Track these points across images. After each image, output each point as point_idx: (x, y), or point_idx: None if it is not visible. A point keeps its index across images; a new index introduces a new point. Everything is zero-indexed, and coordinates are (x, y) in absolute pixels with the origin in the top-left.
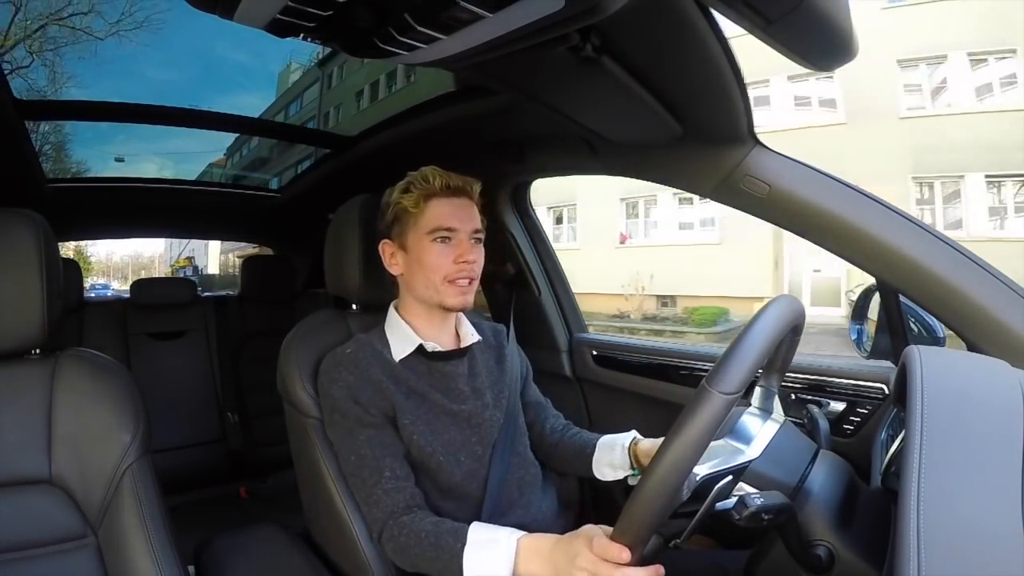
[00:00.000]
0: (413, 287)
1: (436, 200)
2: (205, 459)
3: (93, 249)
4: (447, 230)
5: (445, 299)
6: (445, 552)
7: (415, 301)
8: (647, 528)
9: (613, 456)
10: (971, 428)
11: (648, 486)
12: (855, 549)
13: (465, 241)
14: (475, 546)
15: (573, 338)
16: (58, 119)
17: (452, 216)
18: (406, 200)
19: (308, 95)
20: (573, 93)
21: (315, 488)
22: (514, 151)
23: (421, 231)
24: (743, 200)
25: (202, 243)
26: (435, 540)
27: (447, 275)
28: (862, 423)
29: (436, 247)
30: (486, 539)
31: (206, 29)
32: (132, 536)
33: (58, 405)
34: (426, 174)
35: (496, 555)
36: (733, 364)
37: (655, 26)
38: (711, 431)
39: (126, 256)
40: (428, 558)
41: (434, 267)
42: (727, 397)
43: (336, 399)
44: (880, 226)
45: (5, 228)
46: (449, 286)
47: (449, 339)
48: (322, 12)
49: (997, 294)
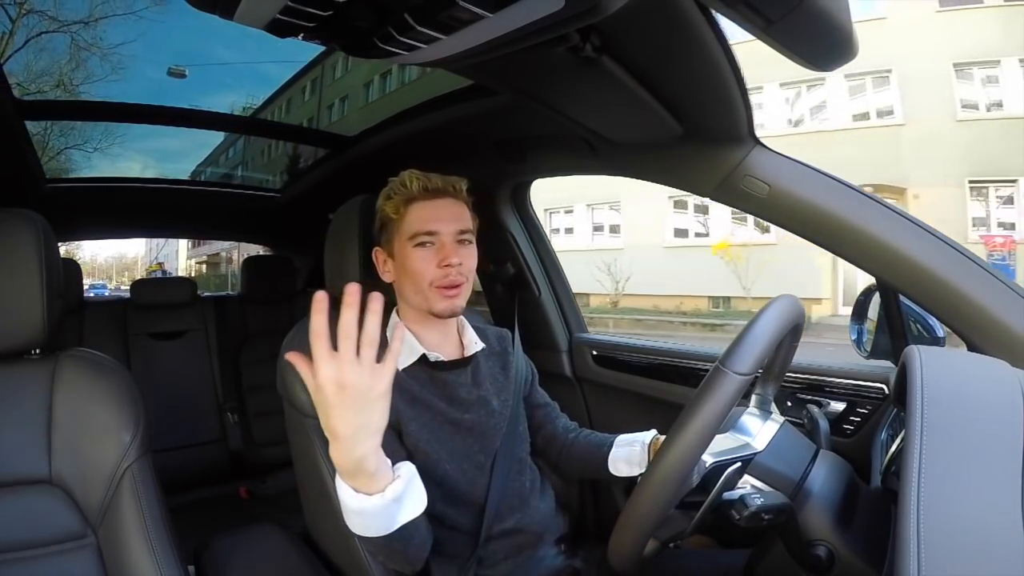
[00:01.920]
0: (404, 294)
1: (416, 204)
2: (205, 459)
3: (79, 252)
4: (427, 234)
5: (433, 305)
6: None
7: (410, 309)
8: (660, 504)
9: (632, 452)
10: (971, 428)
11: (666, 459)
12: (855, 549)
13: (449, 243)
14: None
15: (573, 338)
16: (58, 119)
17: (432, 219)
18: (388, 207)
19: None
20: (573, 93)
21: (315, 488)
22: (514, 151)
23: (403, 237)
24: (743, 200)
25: (172, 250)
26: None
27: (432, 280)
28: (862, 423)
29: (419, 252)
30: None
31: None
32: (132, 536)
33: (58, 405)
34: (404, 179)
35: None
36: (746, 345)
37: (655, 26)
38: (725, 410)
39: (110, 258)
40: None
41: (419, 273)
42: (741, 377)
43: None
44: (880, 226)
45: (5, 228)
46: (436, 291)
47: (452, 347)
48: (322, 12)
49: (997, 294)
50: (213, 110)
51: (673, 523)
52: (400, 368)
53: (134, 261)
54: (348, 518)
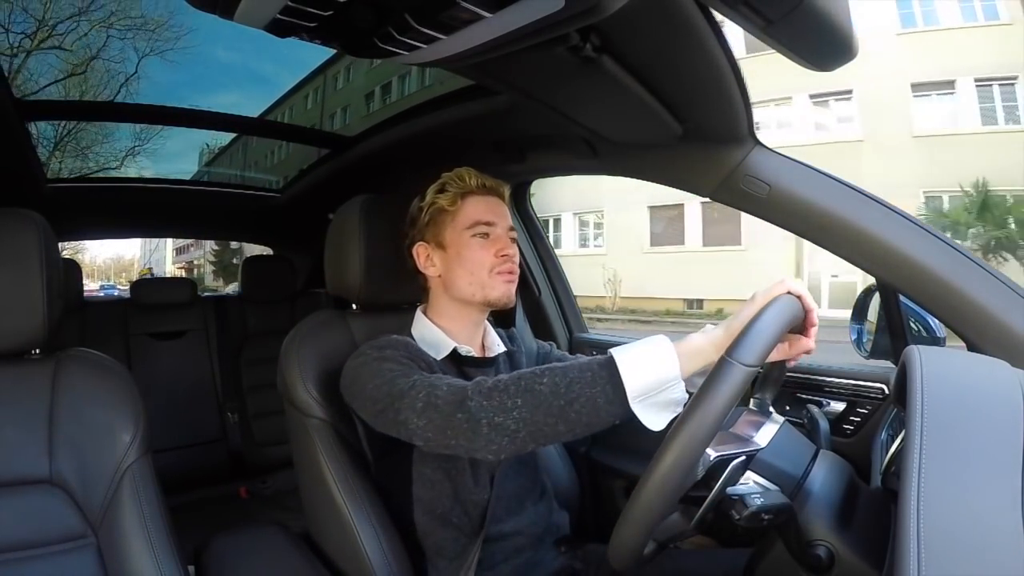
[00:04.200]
0: (453, 285)
1: (472, 198)
2: (205, 459)
3: (82, 255)
4: (486, 224)
5: (491, 292)
6: (588, 370)
7: (451, 303)
8: (666, 495)
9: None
10: (971, 428)
11: (672, 447)
12: (855, 549)
13: (504, 236)
14: (625, 352)
15: (573, 338)
16: (58, 119)
17: (489, 212)
18: (442, 199)
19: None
20: (573, 93)
21: (315, 488)
22: (514, 151)
23: (460, 227)
24: (743, 200)
25: (160, 255)
26: (563, 370)
27: (492, 267)
28: (862, 423)
29: (477, 242)
30: (635, 347)
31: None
32: (132, 536)
33: (58, 405)
34: (461, 173)
35: (655, 355)
36: (751, 337)
37: (655, 26)
38: (732, 400)
39: (109, 259)
40: (559, 370)
41: (477, 261)
42: (747, 368)
43: (384, 359)
44: (880, 226)
45: (5, 228)
46: (496, 277)
47: (477, 347)
48: (322, 12)
49: (997, 294)
50: (213, 110)
51: (673, 524)
52: (437, 359)
53: (131, 263)
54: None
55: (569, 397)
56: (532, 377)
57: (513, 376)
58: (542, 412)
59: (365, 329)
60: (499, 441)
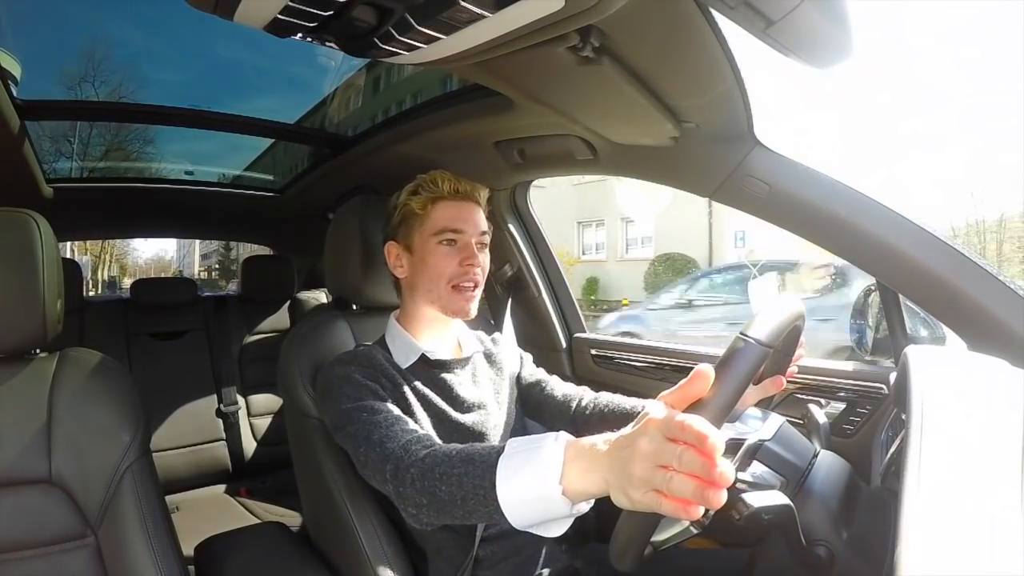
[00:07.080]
0: (416, 289)
1: (443, 203)
2: (205, 459)
3: (130, 255)
4: (453, 231)
5: (447, 304)
6: (477, 465)
7: (417, 306)
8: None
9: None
10: (971, 428)
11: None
12: (855, 549)
13: (471, 244)
14: (511, 454)
15: (572, 338)
16: (59, 119)
17: (458, 219)
18: (414, 202)
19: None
20: (573, 93)
21: (315, 488)
22: (514, 151)
23: (427, 232)
24: (743, 200)
25: (191, 259)
26: (467, 455)
27: (451, 278)
28: (862, 423)
29: (442, 249)
30: (526, 446)
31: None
32: (132, 536)
33: (58, 405)
34: (435, 177)
35: (537, 464)
36: (764, 318)
37: (655, 26)
38: (748, 377)
39: (150, 259)
40: (456, 476)
41: (439, 269)
42: (761, 347)
43: (347, 379)
44: (880, 226)
45: (5, 228)
46: (453, 293)
47: (450, 349)
48: (322, 12)
49: (997, 294)
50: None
51: (674, 525)
52: (403, 367)
53: (170, 262)
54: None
55: (466, 509)
56: (433, 480)
57: (422, 469)
58: (447, 516)
59: (365, 329)
60: (421, 520)
